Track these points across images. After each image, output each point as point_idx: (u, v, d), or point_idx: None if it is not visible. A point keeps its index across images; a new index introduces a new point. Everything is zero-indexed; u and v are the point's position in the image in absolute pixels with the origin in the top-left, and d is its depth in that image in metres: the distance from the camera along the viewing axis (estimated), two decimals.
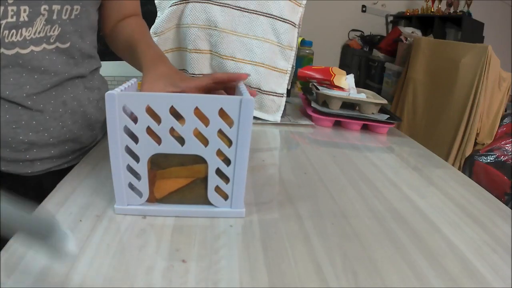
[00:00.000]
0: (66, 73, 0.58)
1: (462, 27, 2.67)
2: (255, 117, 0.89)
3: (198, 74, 0.89)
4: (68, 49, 0.57)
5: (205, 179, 0.44)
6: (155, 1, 0.89)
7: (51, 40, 0.54)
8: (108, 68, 1.75)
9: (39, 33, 0.51)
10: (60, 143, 0.59)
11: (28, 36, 0.50)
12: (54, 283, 0.33)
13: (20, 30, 0.49)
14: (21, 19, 0.49)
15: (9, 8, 0.47)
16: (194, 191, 0.45)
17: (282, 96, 0.90)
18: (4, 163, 0.55)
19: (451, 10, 2.78)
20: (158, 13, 0.89)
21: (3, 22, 0.48)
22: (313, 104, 0.94)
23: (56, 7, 0.52)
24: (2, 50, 0.49)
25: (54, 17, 0.52)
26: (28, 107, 0.53)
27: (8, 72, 0.50)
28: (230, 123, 0.41)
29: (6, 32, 0.48)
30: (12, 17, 0.48)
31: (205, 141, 0.41)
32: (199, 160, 0.42)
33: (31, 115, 0.54)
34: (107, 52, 0.74)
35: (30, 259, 0.35)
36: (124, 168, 0.42)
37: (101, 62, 0.69)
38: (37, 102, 0.54)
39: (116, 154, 0.41)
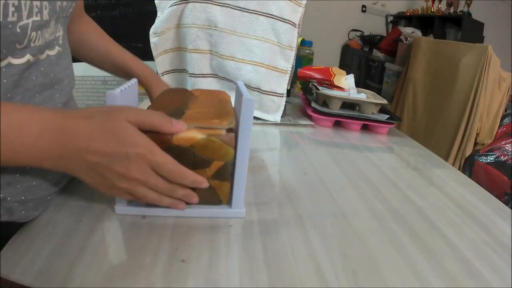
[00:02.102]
0: (72, 79, 0.52)
1: (462, 27, 2.67)
2: (255, 117, 0.89)
3: (198, 74, 0.89)
4: (68, 50, 0.52)
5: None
6: (155, 1, 0.89)
7: (60, 41, 0.48)
8: None
9: (52, 34, 0.45)
10: None
11: (48, 38, 0.44)
12: (54, 283, 0.33)
13: (43, 31, 0.42)
14: (44, 17, 0.41)
15: (34, 3, 0.39)
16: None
17: (282, 96, 0.90)
18: (33, 205, 0.43)
19: (451, 10, 2.78)
20: (158, 13, 0.89)
21: (30, 20, 0.39)
22: (313, 104, 0.95)
23: (64, 3, 0.46)
24: (28, 56, 0.40)
25: (60, 14, 0.46)
26: None
27: (33, 85, 0.42)
28: (229, 123, 0.41)
29: (34, 34, 0.40)
30: (36, 14, 0.40)
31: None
32: (199, 165, 0.41)
33: None
34: None
35: (30, 258, 0.35)
36: None
37: None
38: None
39: None
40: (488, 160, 1.79)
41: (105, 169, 0.36)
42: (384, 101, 0.94)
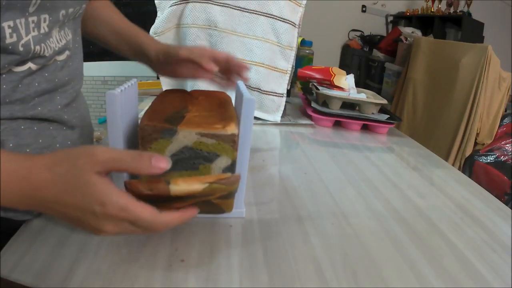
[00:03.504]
0: (81, 78, 0.53)
1: (462, 27, 2.67)
2: (255, 117, 0.89)
3: None
4: (79, 48, 0.52)
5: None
6: (155, 1, 0.89)
7: (70, 45, 0.48)
8: (108, 68, 1.75)
9: (59, 41, 0.45)
10: None
11: (56, 46, 0.44)
12: (54, 283, 0.33)
13: (46, 43, 0.42)
14: (42, 30, 0.41)
15: (30, 19, 0.39)
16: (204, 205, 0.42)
17: (282, 96, 0.90)
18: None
19: (451, 10, 2.78)
20: (158, 13, 0.89)
21: (29, 37, 0.39)
22: (313, 104, 0.94)
23: (71, 10, 0.46)
24: (30, 64, 0.41)
25: (66, 20, 0.46)
26: (62, 122, 0.47)
27: (35, 91, 0.43)
28: (233, 128, 0.41)
29: (38, 47, 0.40)
30: (34, 29, 0.40)
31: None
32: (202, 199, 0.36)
33: (64, 134, 0.47)
34: (107, 52, 0.73)
35: (30, 259, 0.35)
36: None
37: (101, 62, 0.68)
38: (70, 115, 0.48)
39: None
40: (488, 160, 1.79)
41: (76, 220, 0.33)
42: (384, 101, 0.94)
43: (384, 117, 0.92)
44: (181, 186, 0.32)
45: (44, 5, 0.40)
